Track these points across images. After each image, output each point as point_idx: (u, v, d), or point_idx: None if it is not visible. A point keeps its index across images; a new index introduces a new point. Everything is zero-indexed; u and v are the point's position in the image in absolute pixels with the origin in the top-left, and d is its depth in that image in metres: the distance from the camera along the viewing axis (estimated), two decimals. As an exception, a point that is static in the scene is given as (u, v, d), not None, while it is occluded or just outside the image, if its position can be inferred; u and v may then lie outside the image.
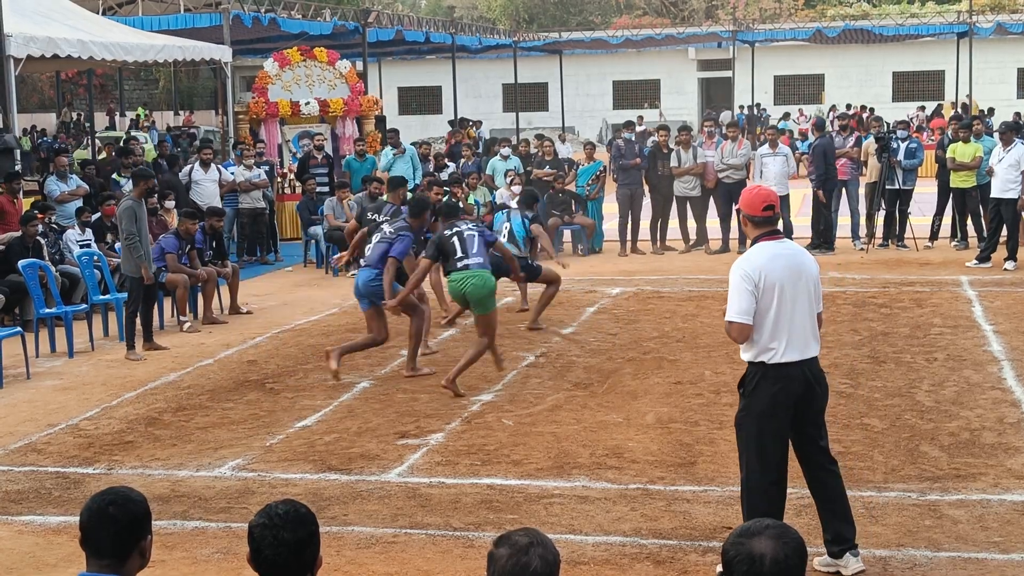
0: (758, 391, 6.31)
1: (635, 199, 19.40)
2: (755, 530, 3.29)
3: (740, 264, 6.37)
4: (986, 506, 7.31)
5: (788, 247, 6.46)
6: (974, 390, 10.05)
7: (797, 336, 6.28)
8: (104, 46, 18.12)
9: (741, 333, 6.29)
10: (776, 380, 6.27)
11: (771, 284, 6.24)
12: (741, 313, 6.25)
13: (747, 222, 6.47)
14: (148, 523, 3.86)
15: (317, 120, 23.13)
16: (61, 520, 7.61)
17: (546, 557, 3.31)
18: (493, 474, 8.28)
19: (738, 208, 6.62)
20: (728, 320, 6.33)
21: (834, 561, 6.49)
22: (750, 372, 6.38)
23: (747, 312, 6.24)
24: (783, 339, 6.25)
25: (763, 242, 6.39)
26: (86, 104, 39.38)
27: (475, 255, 10.70)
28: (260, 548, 3.61)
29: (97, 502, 3.81)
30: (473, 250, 10.72)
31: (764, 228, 6.41)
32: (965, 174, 17.82)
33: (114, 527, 3.76)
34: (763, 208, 6.39)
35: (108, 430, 9.75)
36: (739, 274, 6.30)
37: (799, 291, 6.31)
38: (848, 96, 47.55)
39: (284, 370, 11.74)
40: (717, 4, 59.38)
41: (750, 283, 6.24)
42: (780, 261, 6.32)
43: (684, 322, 13.45)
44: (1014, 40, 46.21)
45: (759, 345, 6.28)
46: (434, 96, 53.54)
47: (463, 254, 10.67)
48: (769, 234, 6.42)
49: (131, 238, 12.43)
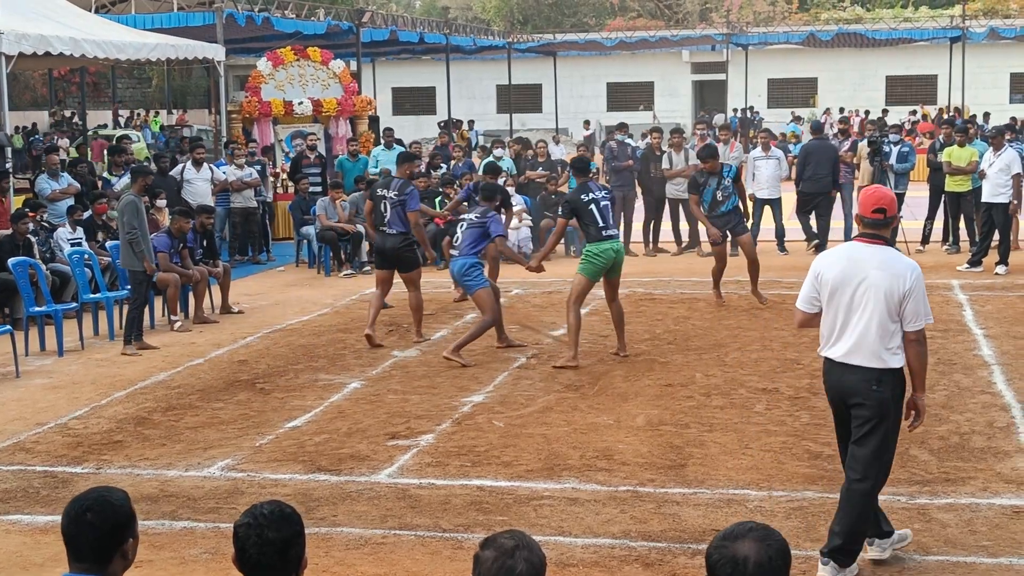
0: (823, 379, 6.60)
1: (627, 201, 19.41)
2: (738, 533, 3.28)
3: (817, 257, 6.63)
4: (975, 510, 7.31)
5: (864, 251, 6.32)
6: (964, 394, 10.06)
7: (845, 338, 6.31)
8: (97, 44, 18.08)
9: (796, 318, 6.67)
10: (826, 373, 6.51)
11: (825, 282, 6.37)
12: (801, 300, 6.54)
13: (858, 220, 6.46)
14: (130, 527, 3.77)
15: (310, 120, 23.11)
16: (49, 519, 7.58)
17: (531, 560, 3.31)
18: (483, 475, 8.27)
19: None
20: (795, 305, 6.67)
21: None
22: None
23: (806, 301, 6.50)
24: (833, 335, 6.37)
25: (854, 241, 6.45)
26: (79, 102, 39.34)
27: (614, 225, 11.80)
28: (245, 547, 3.59)
29: (76, 508, 3.73)
30: (611, 220, 11.61)
31: (867, 230, 6.36)
32: (960, 178, 17.84)
33: (92, 534, 3.69)
34: (872, 210, 6.32)
35: (97, 429, 9.73)
36: (812, 265, 6.55)
37: (856, 297, 6.26)
38: (841, 100, 47.67)
39: (275, 370, 11.72)
40: (711, 7, 59.43)
41: (814, 275, 6.45)
42: (843, 264, 6.35)
43: (675, 324, 13.45)
44: (1007, 45, 46.34)
45: (821, 336, 6.50)
46: (428, 97, 53.53)
47: (604, 223, 11.41)
48: (868, 236, 6.35)
49: (133, 232, 12.46)
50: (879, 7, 56.10)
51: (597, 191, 11.66)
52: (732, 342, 12.33)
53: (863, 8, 56.32)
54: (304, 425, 9.71)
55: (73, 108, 43.52)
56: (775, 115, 47.01)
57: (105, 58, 19.54)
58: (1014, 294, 14.81)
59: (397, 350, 12.44)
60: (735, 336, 12.64)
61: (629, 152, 19.94)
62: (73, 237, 15.20)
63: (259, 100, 22.67)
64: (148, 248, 12.68)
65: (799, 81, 52.75)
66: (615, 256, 11.42)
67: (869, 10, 55.20)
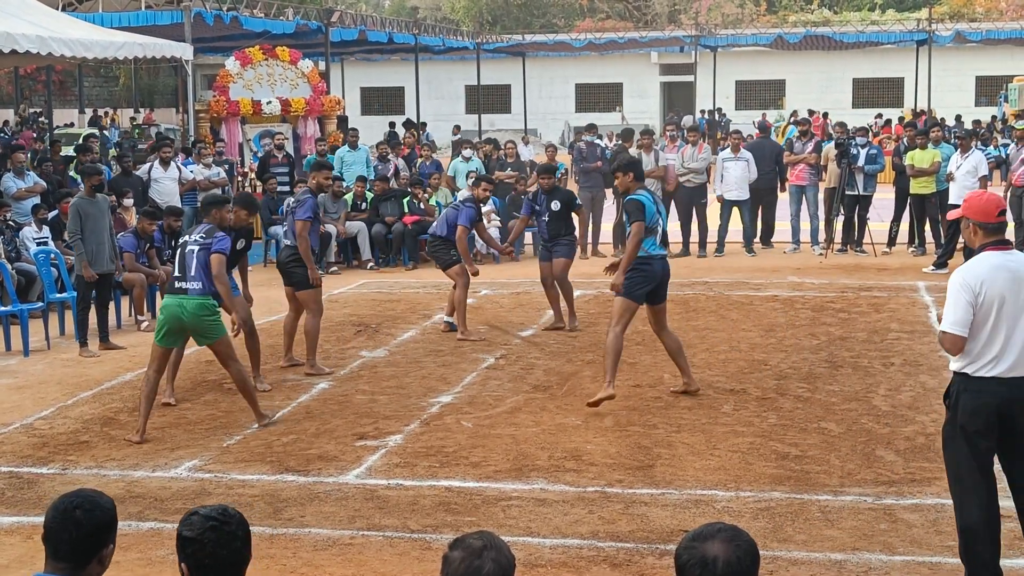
0: (960, 403, 6.05)
1: (596, 201, 19.44)
2: (707, 534, 3.30)
3: (960, 273, 6.02)
4: (940, 510, 7.36)
5: (1015, 258, 6.08)
6: (930, 395, 10.12)
7: (1012, 352, 5.97)
8: (64, 42, 17.95)
9: (954, 345, 5.97)
10: (977, 394, 5.99)
11: (991, 297, 5.91)
12: (956, 324, 5.94)
13: (977, 230, 6.10)
14: (112, 532, 3.79)
15: (279, 119, 23.03)
16: (14, 520, 7.53)
17: (499, 561, 3.31)
18: (451, 476, 8.26)
19: (963, 216, 6.21)
20: (942, 331, 6.02)
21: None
22: (953, 383, 6.13)
23: (963, 323, 5.92)
24: (993, 353, 5.96)
25: (989, 251, 6.04)
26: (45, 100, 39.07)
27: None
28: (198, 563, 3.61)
29: (65, 503, 3.74)
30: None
31: (993, 236, 6.08)
32: (924, 180, 17.96)
33: (77, 531, 3.69)
34: (998, 214, 6.09)
35: (63, 430, 9.66)
36: (958, 283, 5.97)
37: (1021, 305, 5.98)
38: (808, 102, 47.87)
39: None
40: (680, 9, 59.63)
41: (969, 294, 5.92)
42: (1004, 273, 5.97)
43: (643, 325, 13.40)
44: (973, 48, 46.73)
45: (969, 355, 6.00)
46: (397, 97, 53.47)
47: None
48: (997, 243, 6.08)
49: (73, 236, 12.43)
50: (846, 10, 56.45)
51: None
52: (700, 343, 12.37)
53: (830, 11, 56.65)
54: (272, 425, 9.66)
55: (39, 106, 43.21)
56: (743, 117, 47.22)
57: (72, 56, 19.41)
58: (979, 296, 14.91)
59: (365, 350, 12.42)
60: (703, 337, 12.68)
61: (598, 153, 19.98)
62: (39, 236, 15.08)
63: (227, 99, 22.58)
64: (98, 251, 12.54)
65: (767, 83, 53.03)
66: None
67: (837, 13, 55.55)
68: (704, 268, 17.73)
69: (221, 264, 9.40)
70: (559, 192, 13.52)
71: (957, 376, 6.09)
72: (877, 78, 51.10)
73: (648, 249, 9.86)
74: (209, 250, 9.40)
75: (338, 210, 18.43)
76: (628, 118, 49.11)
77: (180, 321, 9.31)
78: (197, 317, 9.28)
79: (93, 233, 12.47)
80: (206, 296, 9.34)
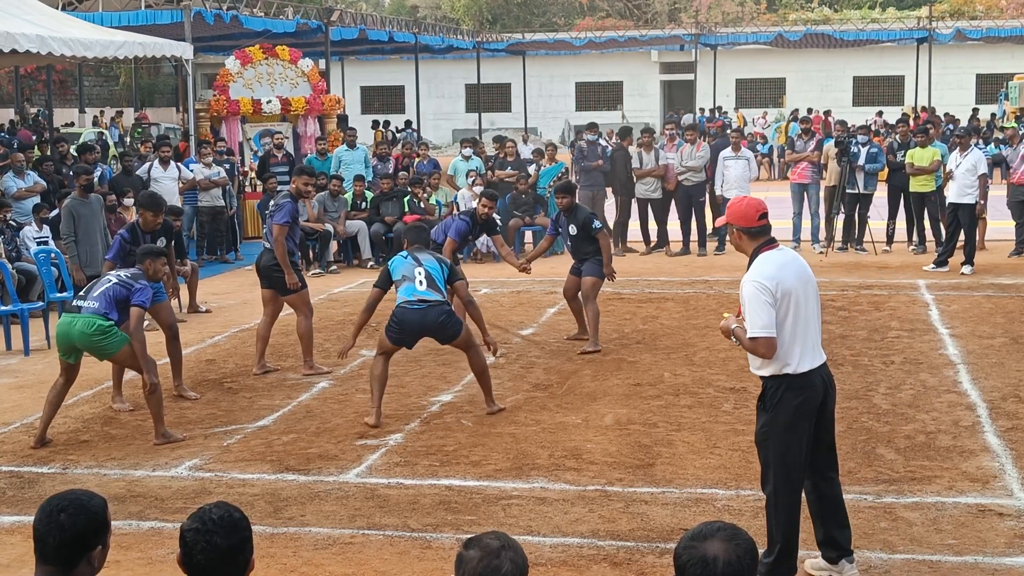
0: (782, 404, 6.11)
1: (596, 200, 19.43)
2: (706, 533, 3.30)
3: (751, 277, 6.07)
4: (941, 508, 7.37)
5: (789, 253, 6.26)
6: (930, 393, 10.13)
7: (811, 342, 6.13)
8: (63, 42, 17.94)
9: (770, 348, 5.99)
10: (800, 390, 6.09)
11: (786, 293, 6.01)
12: (766, 327, 5.97)
13: (742, 235, 6.21)
14: (102, 534, 3.72)
15: (279, 119, 23.04)
16: (15, 520, 7.54)
17: (516, 561, 3.31)
18: (451, 475, 8.27)
19: (727, 223, 6.33)
20: (752, 337, 6.01)
21: (829, 566, 6.44)
22: (770, 387, 6.16)
23: (771, 325, 5.97)
24: (800, 348, 6.06)
25: (764, 252, 6.16)
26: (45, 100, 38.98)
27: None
28: (192, 552, 3.57)
29: (51, 506, 3.68)
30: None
31: (761, 238, 6.19)
32: (924, 179, 17.95)
33: (61, 535, 3.63)
34: (758, 217, 6.19)
35: (64, 429, 9.67)
36: (754, 287, 6.01)
37: (809, 297, 6.15)
38: (809, 100, 47.89)
39: (242, 369, 11.68)
40: (680, 7, 59.60)
41: (768, 295, 5.98)
42: (789, 269, 6.11)
43: (644, 324, 13.48)
44: (973, 46, 46.71)
45: (779, 358, 6.06)
46: (397, 96, 53.47)
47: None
48: (768, 243, 6.20)
49: (67, 238, 12.52)
50: (847, 8, 56.44)
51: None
52: (700, 341, 12.37)
53: (831, 9, 56.63)
54: (272, 424, 9.68)
55: (39, 106, 43.18)
56: (743, 115, 47.19)
57: (72, 56, 19.40)
58: (980, 294, 14.92)
59: (365, 350, 12.41)
60: (703, 335, 12.68)
61: (599, 152, 19.97)
62: (39, 236, 15.09)
63: (227, 98, 22.59)
64: (91, 253, 12.57)
65: (767, 81, 52.99)
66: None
67: (837, 11, 55.52)
68: (704, 266, 17.72)
69: (139, 318, 9.15)
70: (577, 215, 12.76)
71: (776, 379, 6.13)
72: (877, 76, 51.07)
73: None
74: (127, 288, 9.19)
75: (338, 209, 18.44)
76: (628, 116, 49.09)
77: (68, 339, 9.16)
78: (85, 336, 9.07)
79: (86, 234, 12.51)
80: (98, 315, 9.09)
